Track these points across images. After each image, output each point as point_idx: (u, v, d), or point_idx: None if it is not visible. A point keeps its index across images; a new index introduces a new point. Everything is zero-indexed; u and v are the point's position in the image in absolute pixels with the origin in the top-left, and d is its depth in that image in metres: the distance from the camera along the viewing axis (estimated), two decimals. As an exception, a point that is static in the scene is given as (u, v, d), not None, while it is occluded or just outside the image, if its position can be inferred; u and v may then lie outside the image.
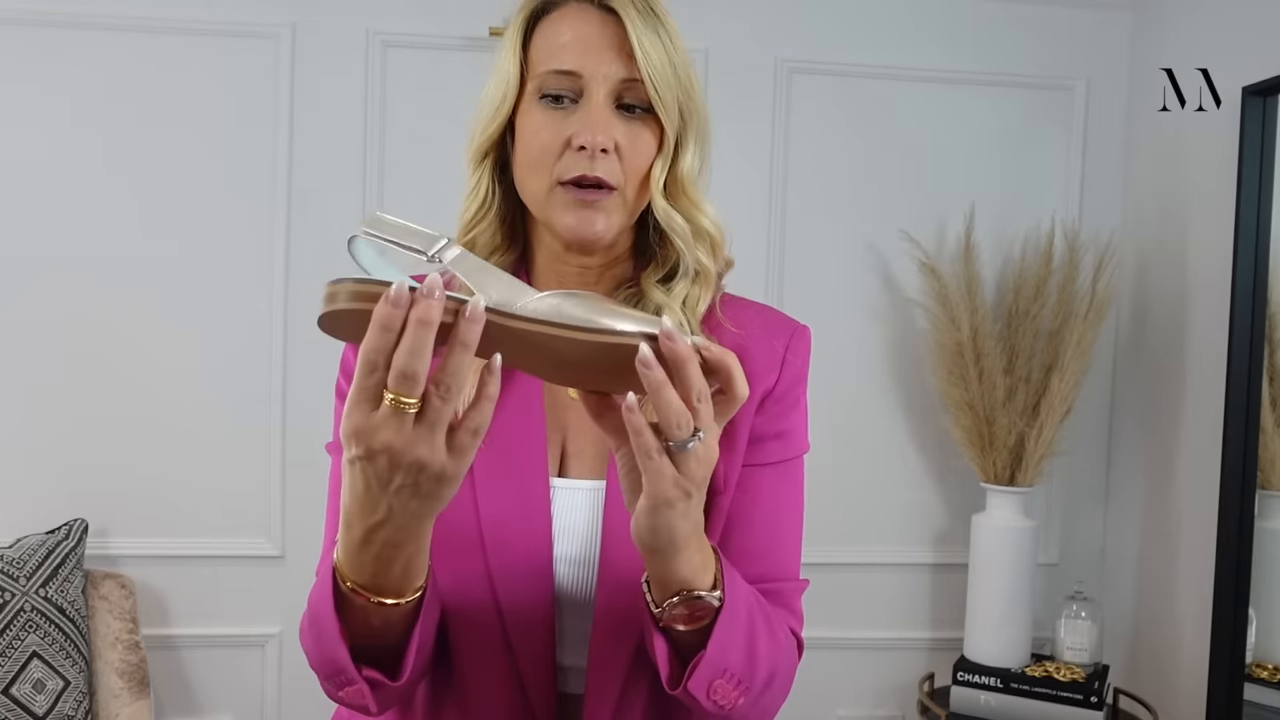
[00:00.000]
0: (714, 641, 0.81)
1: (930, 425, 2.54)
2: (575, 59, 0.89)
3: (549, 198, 0.91)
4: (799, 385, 0.97)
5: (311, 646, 0.83)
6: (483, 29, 2.32)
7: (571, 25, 0.90)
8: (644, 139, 0.90)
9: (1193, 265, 2.33)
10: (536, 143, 0.90)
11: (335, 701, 0.85)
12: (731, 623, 0.82)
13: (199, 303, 2.32)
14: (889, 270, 2.51)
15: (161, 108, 2.29)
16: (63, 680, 2.07)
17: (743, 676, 0.83)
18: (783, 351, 0.95)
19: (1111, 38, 2.55)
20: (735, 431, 0.92)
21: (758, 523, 0.93)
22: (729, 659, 0.82)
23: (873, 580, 2.54)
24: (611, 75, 0.89)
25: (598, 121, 0.88)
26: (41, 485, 2.28)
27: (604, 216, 0.90)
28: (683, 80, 0.91)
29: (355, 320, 0.74)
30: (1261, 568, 2.09)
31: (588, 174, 0.88)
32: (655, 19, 0.90)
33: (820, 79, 2.47)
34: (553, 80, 0.90)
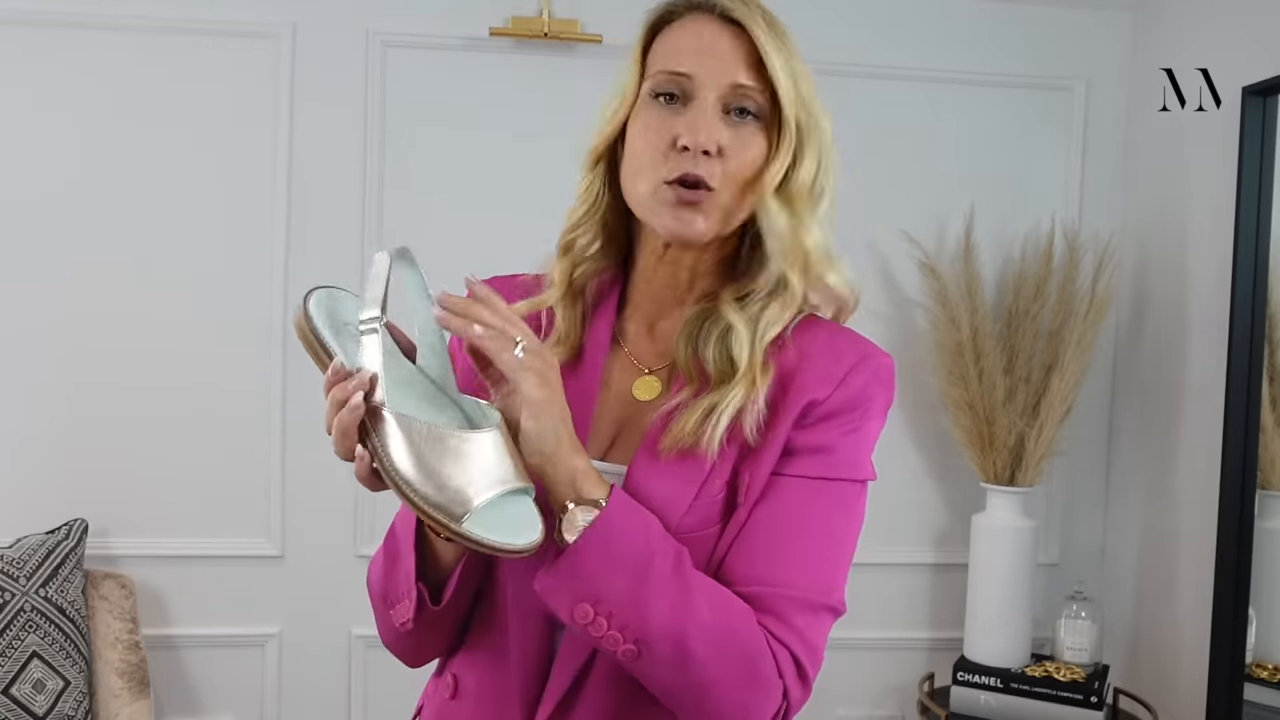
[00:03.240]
0: (571, 555, 0.82)
1: (930, 425, 2.54)
2: (689, 61, 0.91)
3: (653, 197, 0.92)
4: (857, 410, 0.93)
5: (381, 569, 0.97)
6: (483, 29, 2.32)
7: (691, 33, 0.93)
8: (751, 146, 0.92)
9: (1193, 265, 2.33)
10: (644, 141, 0.92)
11: (382, 626, 0.98)
12: (605, 547, 0.83)
13: (199, 303, 2.32)
14: (889, 270, 2.51)
15: (161, 108, 2.29)
16: (63, 680, 2.07)
17: (628, 620, 0.82)
18: (843, 373, 0.93)
19: (1111, 38, 2.55)
20: (765, 445, 0.91)
21: (762, 526, 0.90)
22: (598, 585, 0.82)
23: (873, 580, 2.54)
24: (723, 80, 0.91)
25: (703, 123, 0.90)
26: (41, 485, 2.28)
27: (704, 218, 0.92)
28: (803, 95, 0.94)
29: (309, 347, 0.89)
30: (1261, 568, 2.09)
31: (690, 172, 0.90)
32: (780, 33, 0.94)
33: (820, 79, 2.45)
34: (665, 80, 0.92)
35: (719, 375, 0.92)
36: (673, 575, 0.84)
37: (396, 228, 2.37)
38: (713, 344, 0.93)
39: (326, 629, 2.38)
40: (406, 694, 1.08)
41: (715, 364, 0.92)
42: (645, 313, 1.00)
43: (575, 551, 0.82)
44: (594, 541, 0.82)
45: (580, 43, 2.35)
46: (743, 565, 0.89)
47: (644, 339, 1.00)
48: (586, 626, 0.83)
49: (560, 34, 2.33)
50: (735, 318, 0.93)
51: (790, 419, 0.91)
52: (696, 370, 0.93)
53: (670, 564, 0.84)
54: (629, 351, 1.00)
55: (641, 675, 0.85)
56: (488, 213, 2.33)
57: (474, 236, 2.24)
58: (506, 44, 2.35)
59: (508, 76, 2.36)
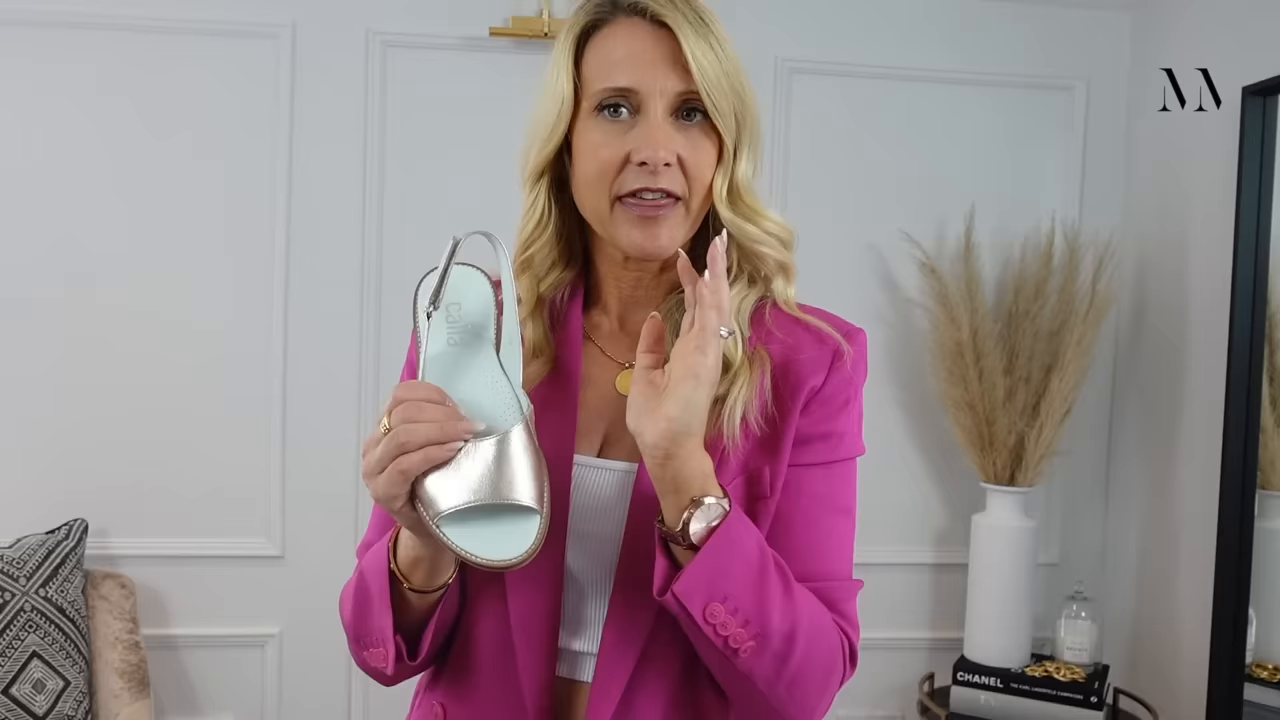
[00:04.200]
0: (710, 549, 0.83)
1: (930, 425, 2.54)
2: (631, 75, 0.90)
3: (610, 214, 0.92)
4: (849, 387, 0.97)
5: (351, 610, 0.97)
6: (483, 29, 2.32)
7: (624, 41, 0.92)
8: (704, 148, 0.92)
9: (1193, 265, 2.33)
10: (595, 160, 0.91)
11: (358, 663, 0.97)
12: (733, 544, 0.84)
13: (199, 302, 2.32)
14: (889, 270, 2.51)
15: (161, 107, 2.29)
16: (63, 680, 2.07)
17: (751, 616, 0.84)
18: (831, 355, 0.95)
19: (1111, 38, 2.55)
20: (780, 434, 0.92)
21: (801, 522, 0.93)
22: (729, 584, 0.83)
23: (873, 580, 2.52)
24: (668, 89, 0.90)
25: (658, 137, 0.89)
26: (41, 485, 2.28)
27: (667, 229, 0.92)
28: (736, 88, 0.93)
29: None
30: (1261, 568, 2.09)
31: (651, 186, 0.90)
32: (706, 28, 0.91)
33: (820, 79, 2.47)
34: (608, 96, 0.91)
35: None
36: (778, 573, 0.86)
37: (397, 227, 2.37)
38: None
39: (326, 629, 2.36)
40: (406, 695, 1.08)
41: None
42: (614, 308, 1.01)
43: (712, 546, 0.83)
44: (726, 538, 0.83)
45: (580, 43, 2.34)
46: (798, 563, 0.91)
47: (617, 335, 1.01)
48: (715, 626, 0.83)
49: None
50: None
51: (797, 408, 0.93)
52: None
53: (774, 563, 0.87)
54: (603, 348, 1.00)
55: (748, 671, 0.85)
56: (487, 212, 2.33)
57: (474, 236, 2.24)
58: (506, 44, 2.35)
59: (508, 76, 2.36)
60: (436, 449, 0.80)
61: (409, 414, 0.81)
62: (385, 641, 0.92)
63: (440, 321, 0.89)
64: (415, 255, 2.36)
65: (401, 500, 0.82)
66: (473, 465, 0.81)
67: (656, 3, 0.91)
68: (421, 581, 0.90)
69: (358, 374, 2.36)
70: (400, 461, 0.80)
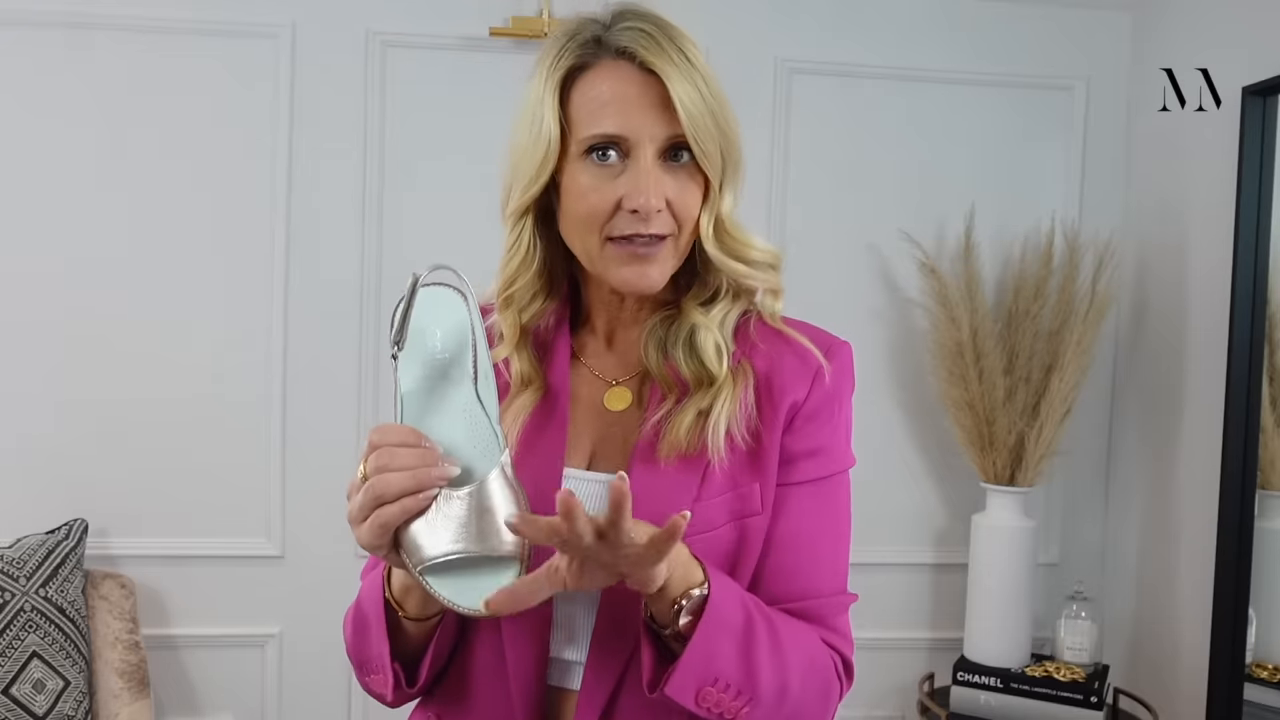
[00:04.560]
0: (697, 641, 0.83)
1: (930, 425, 2.54)
2: (620, 122, 0.90)
3: (601, 254, 0.93)
4: (834, 401, 0.97)
5: (352, 636, 0.97)
6: (483, 29, 2.32)
7: (611, 84, 0.91)
8: (690, 188, 0.93)
9: (1193, 265, 2.33)
10: (585, 205, 0.91)
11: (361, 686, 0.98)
12: (718, 625, 0.84)
13: (198, 302, 2.32)
14: (889, 270, 2.51)
15: (161, 107, 2.29)
16: (63, 680, 2.07)
17: (743, 686, 0.85)
18: (815, 369, 0.96)
19: (1111, 38, 2.55)
20: (766, 448, 0.93)
21: (790, 541, 0.94)
22: (718, 666, 0.84)
23: (873, 580, 2.54)
24: (658, 135, 0.90)
25: (649, 184, 0.89)
26: (41, 485, 2.28)
27: (657, 267, 0.92)
28: (721, 125, 0.92)
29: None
30: (1261, 568, 2.09)
31: (643, 232, 0.90)
32: (690, 68, 0.91)
33: (820, 79, 2.47)
34: (597, 142, 0.91)
35: (695, 378, 0.94)
36: (765, 626, 0.87)
37: (397, 228, 2.37)
38: (681, 347, 0.95)
39: (326, 629, 2.36)
40: (406, 694, 1.08)
41: (689, 367, 0.94)
42: (600, 328, 1.02)
43: (696, 642, 0.83)
44: (709, 627, 0.84)
45: (580, 43, 2.34)
46: (784, 583, 0.93)
47: (603, 353, 1.01)
48: (709, 706, 0.85)
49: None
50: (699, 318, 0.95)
51: (780, 423, 0.94)
52: (672, 376, 0.95)
53: (759, 616, 0.88)
54: (590, 366, 1.01)
55: None
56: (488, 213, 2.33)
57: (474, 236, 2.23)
58: (506, 44, 2.35)
59: (508, 76, 2.36)
60: (413, 500, 0.80)
61: (383, 461, 0.80)
62: (384, 669, 0.92)
63: (414, 352, 0.87)
64: (415, 255, 2.36)
65: (385, 549, 0.82)
66: (453, 513, 0.81)
67: (644, 48, 0.90)
68: (415, 610, 0.90)
69: (357, 374, 2.36)
70: (379, 514, 0.80)
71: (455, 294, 0.89)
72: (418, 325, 0.87)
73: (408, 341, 0.86)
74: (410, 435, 0.82)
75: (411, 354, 0.87)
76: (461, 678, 0.96)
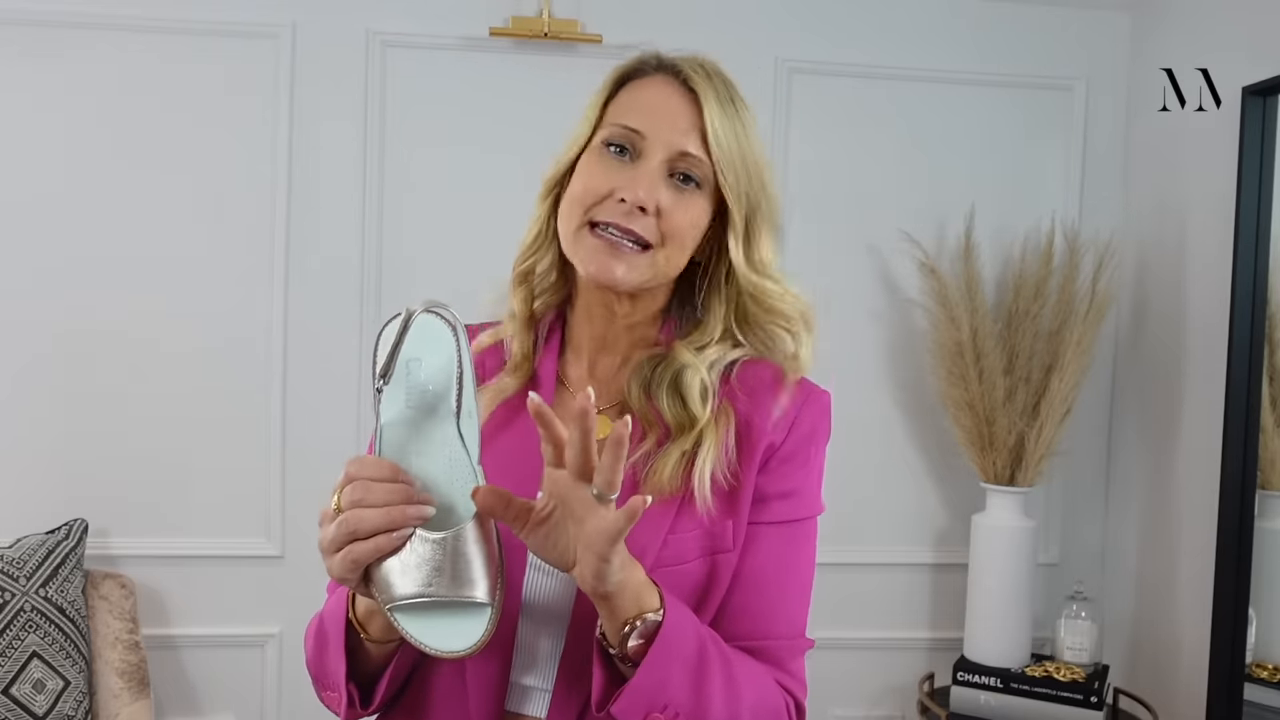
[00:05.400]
0: (647, 665, 0.82)
1: (930, 425, 2.54)
2: (643, 119, 0.94)
3: (577, 236, 0.94)
4: (810, 446, 0.98)
5: (312, 650, 0.95)
6: (483, 29, 2.33)
7: (652, 93, 0.96)
8: (692, 209, 0.94)
9: (1193, 265, 2.33)
10: (583, 183, 0.94)
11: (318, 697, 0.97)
12: (670, 652, 0.83)
13: (199, 302, 2.32)
14: (889, 270, 2.51)
15: (161, 107, 2.29)
16: (63, 680, 2.07)
17: (692, 716, 0.84)
18: (794, 413, 0.96)
19: (1111, 38, 2.55)
20: (739, 491, 0.93)
21: (755, 580, 0.94)
22: (669, 693, 0.83)
23: (873, 580, 2.54)
24: (673, 144, 0.93)
25: (646, 181, 0.92)
26: (41, 485, 2.28)
27: (625, 266, 0.93)
28: (751, 169, 0.95)
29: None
30: (1261, 568, 2.09)
31: (621, 224, 0.91)
32: (733, 108, 0.95)
33: (820, 79, 2.47)
34: (617, 133, 0.94)
35: (677, 423, 0.94)
36: (718, 659, 0.87)
37: (396, 228, 2.37)
38: (666, 390, 0.95)
39: (326, 629, 2.38)
40: (406, 694, 1.08)
41: (672, 412, 0.94)
42: (586, 355, 1.02)
43: (647, 665, 0.82)
44: (661, 651, 0.82)
45: (580, 43, 2.34)
46: (743, 621, 0.93)
47: (585, 380, 1.02)
48: None
49: (560, 34, 2.33)
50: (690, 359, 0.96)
51: (755, 464, 0.95)
52: (653, 416, 0.95)
53: (714, 649, 0.87)
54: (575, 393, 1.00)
55: None
56: (489, 212, 2.33)
57: (474, 237, 2.24)
58: (506, 44, 2.35)
59: (508, 76, 2.36)
60: (386, 539, 0.78)
61: (358, 496, 0.79)
62: (339, 687, 0.91)
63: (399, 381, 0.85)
64: (415, 255, 2.37)
65: (355, 583, 0.81)
66: (427, 555, 0.79)
67: (693, 70, 0.95)
68: (378, 634, 0.89)
69: (357, 374, 2.36)
70: (350, 550, 0.79)
71: (445, 326, 0.86)
72: (405, 356, 0.85)
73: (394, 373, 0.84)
74: (388, 470, 0.80)
75: (396, 385, 0.85)
76: (420, 698, 0.95)
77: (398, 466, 0.81)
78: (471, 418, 0.86)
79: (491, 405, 0.97)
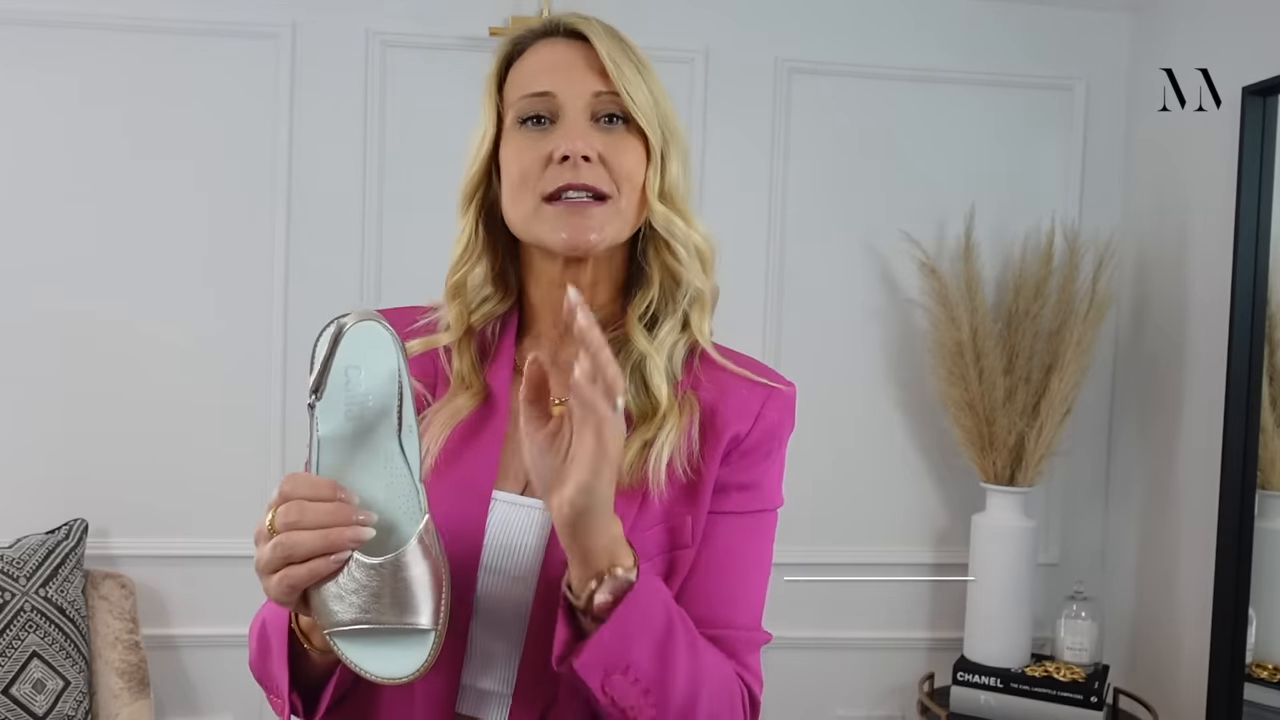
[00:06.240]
0: (615, 620, 0.79)
1: (930, 425, 2.54)
2: (547, 80, 0.92)
3: (536, 215, 0.91)
4: (773, 440, 0.95)
5: (256, 654, 0.93)
6: (483, 29, 2.33)
7: (544, 54, 0.94)
8: (629, 147, 0.92)
9: (1193, 265, 2.33)
10: (517, 164, 0.92)
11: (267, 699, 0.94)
12: (639, 613, 0.80)
13: (199, 302, 2.32)
14: (889, 270, 2.51)
15: (161, 107, 2.29)
16: (63, 680, 2.07)
17: (651, 684, 0.81)
18: (759, 406, 0.94)
19: (1111, 38, 2.55)
20: (703, 481, 0.91)
21: (713, 569, 0.91)
22: (633, 654, 0.80)
23: (873, 580, 2.54)
24: (585, 90, 0.91)
25: (577, 131, 0.90)
26: (41, 485, 2.28)
27: (594, 224, 0.90)
28: (658, 99, 0.93)
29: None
30: (1261, 568, 2.09)
31: (574, 181, 0.89)
32: (621, 41, 0.93)
33: (820, 79, 2.47)
34: (528, 104, 0.92)
35: (640, 412, 0.92)
36: (685, 634, 0.84)
37: (397, 227, 2.37)
38: (630, 379, 0.92)
39: (326, 629, 2.38)
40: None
41: (636, 402, 0.92)
42: (546, 342, 0.98)
43: (615, 621, 0.79)
44: (631, 609, 0.80)
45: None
46: (700, 607, 0.90)
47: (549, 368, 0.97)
48: (614, 697, 0.80)
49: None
50: (646, 346, 0.93)
51: (718, 455, 0.92)
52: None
53: (680, 624, 0.84)
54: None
55: None
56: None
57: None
58: (506, 44, 2.35)
59: (508, 76, 2.36)
60: (323, 563, 0.74)
61: (292, 518, 0.74)
62: (281, 694, 0.88)
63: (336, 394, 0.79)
64: (415, 255, 2.37)
65: (294, 605, 0.78)
66: (365, 580, 0.76)
67: (571, 20, 0.94)
68: (322, 644, 0.84)
69: (358, 374, 2.36)
70: (285, 574, 0.75)
71: (386, 334, 0.81)
72: (343, 364, 0.80)
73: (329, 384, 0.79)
74: (325, 488, 0.76)
75: (333, 398, 0.80)
76: (365, 703, 0.92)
77: (336, 484, 0.77)
78: (412, 433, 0.81)
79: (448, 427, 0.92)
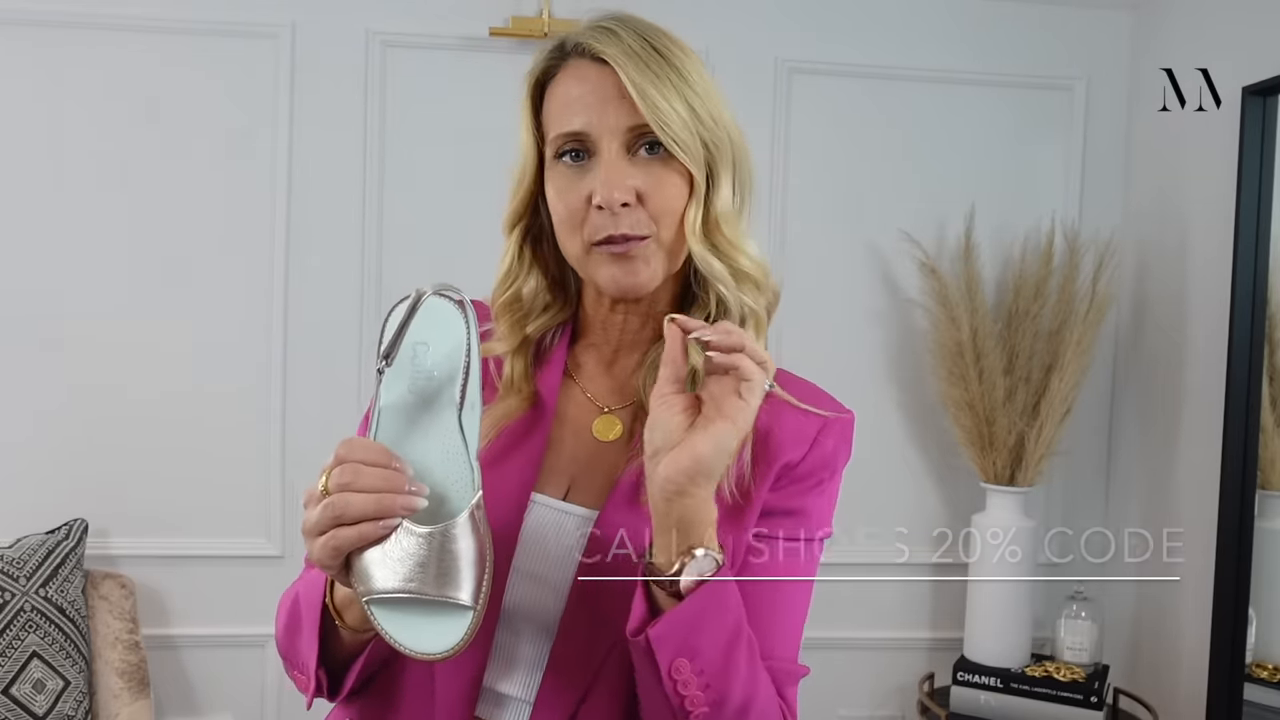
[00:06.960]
0: (694, 600, 0.78)
1: (930, 425, 2.54)
2: (580, 118, 0.88)
3: (587, 258, 0.90)
4: (826, 469, 0.93)
5: (284, 628, 0.95)
6: (483, 29, 2.32)
7: (574, 84, 0.90)
8: (669, 181, 0.88)
9: (1193, 265, 2.33)
10: (562, 206, 0.89)
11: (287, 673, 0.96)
12: (717, 604, 0.80)
13: (198, 302, 2.32)
14: (889, 270, 2.51)
15: (161, 107, 2.29)
16: (63, 680, 2.07)
17: (712, 680, 0.80)
18: (815, 433, 0.92)
19: (1111, 38, 2.55)
20: (749, 506, 0.89)
21: (751, 594, 0.88)
22: (702, 641, 0.79)
23: (873, 580, 2.54)
24: (618, 126, 0.87)
25: (612, 178, 0.86)
26: (41, 485, 2.28)
27: (643, 265, 0.88)
28: (702, 116, 0.88)
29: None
30: (1261, 568, 2.09)
31: (614, 233, 0.86)
32: (659, 59, 0.87)
33: (820, 79, 2.47)
34: (562, 144, 0.89)
35: None
36: (748, 649, 0.83)
37: (397, 228, 2.37)
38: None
39: (326, 629, 2.38)
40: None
41: None
42: (601, 349, 0.98)
43: (696, 599, 0.79)
44: (711, 595, 0.79)
45: (580, 43, 2.34)
46: None
47: (601, 375, 0.97)
48: (677, 682, 0.79)
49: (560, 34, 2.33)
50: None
51: (769, 481, 0.90)
52: None
53: (747, 637, 0.83)
54: (583, 387, 0.97)
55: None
56: (487, 213, 2.33)
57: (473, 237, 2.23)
58: (506, 44, 2.35)
59: (508, 76, 2.35)
60: (371, 526, 0.75)
61: (346, 479, 0.75)
62: (308, 672, 0.88)
63: (403, 365, 0.81)
64: (415, 255, 2.37)
65: (335, 570, 0.78)
66: (412, 549, 0.76)
67: (597, 40, 0.88)
68: (355, 622, 0.86)
69: (357, 374, 2.36)
70: (333, 535, 0.75)
71: (457, 311, 0.82)
72: (412, 339, 0.81)
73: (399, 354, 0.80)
74: (380, 454, 0.77)
75: (400, 368, 0.81)
76: (387, 691, 0.92)
77: (391, 451, 0.77)
78: (474, 410, 0.82)
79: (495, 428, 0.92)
